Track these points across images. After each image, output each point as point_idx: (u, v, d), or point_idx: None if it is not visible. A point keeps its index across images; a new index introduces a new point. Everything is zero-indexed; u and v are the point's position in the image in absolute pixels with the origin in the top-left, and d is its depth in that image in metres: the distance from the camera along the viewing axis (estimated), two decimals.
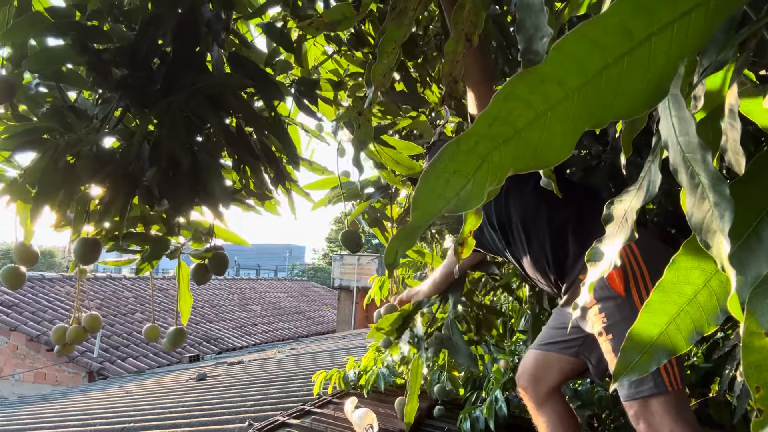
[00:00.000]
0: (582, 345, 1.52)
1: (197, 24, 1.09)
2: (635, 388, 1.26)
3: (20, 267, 1.21)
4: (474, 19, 0.87)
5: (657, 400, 1.24)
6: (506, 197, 1.58)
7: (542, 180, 0.68)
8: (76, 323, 1.37)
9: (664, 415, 1.23)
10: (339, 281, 12.10)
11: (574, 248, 1.43)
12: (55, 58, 1.05)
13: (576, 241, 1.43)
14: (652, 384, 1.23)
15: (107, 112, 1.14)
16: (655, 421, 1.24)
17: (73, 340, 1.34)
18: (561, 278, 1.49)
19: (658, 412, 1.24)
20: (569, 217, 1.46)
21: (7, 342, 7.50)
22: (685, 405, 1.27)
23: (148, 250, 1.38)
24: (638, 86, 0.37)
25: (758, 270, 0.39)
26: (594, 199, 1.49)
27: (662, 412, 1.23)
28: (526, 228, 1.53)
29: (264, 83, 1.23)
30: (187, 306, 1.51)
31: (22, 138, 1.09)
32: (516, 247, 1.60)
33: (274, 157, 1.35)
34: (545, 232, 1.49)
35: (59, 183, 1.12)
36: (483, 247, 1.75)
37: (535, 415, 1.62)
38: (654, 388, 1.23)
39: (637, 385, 1.25)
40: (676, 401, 1.24)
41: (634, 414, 1.28)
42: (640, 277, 1.28)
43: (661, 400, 1.23)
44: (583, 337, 1.50)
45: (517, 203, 1.55)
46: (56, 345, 1.34)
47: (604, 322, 1.31)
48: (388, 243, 0.52)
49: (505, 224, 1.59)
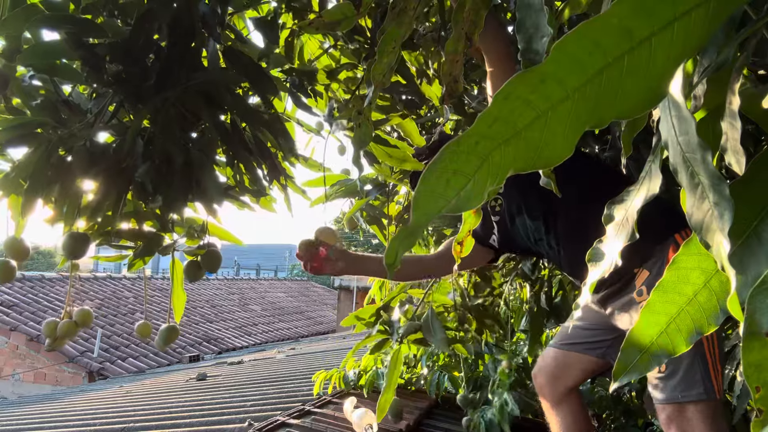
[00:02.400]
0: (611, 346, 1.47)
1: (192, 19, 1.08)
2: (681, 390, 1.18)
3: (10, 261, 1.20)
4: (474, 19, 0.87)
5: (696, 407, 1.17)
6: (564, 180, 1.49)
7: (542, 180, 0.68)
8: (68, 317, 1.36)
9: (701, 423, 1.17)
10: (339, 281, 12.08)
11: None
12: (49, 52, 1.05)
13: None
14: (702, 389, 1.16)
15: (101, 107, 1.13)
16: (689, 428, 1.18)
17: (64, 334, 1.33)
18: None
19: (694, 419, 1.17)
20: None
21: (7, 342, 7.50)
22: (722, 415, 1.21)
23: (141, 246, 1.37)
24: (638, 86, 0.37)
25: (758, 270, 0.39)
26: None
27: (699, 420, 1.17)
28: (576, 220, 1.42)
29: (259, 78, 1.22)
30: (180, 303, 1.50)
31: (15, 132, 1.08)
32: (557, 239, 1.48)
33: (269, 152, 1.34)
34: (594, 227, 1.41)
35: (52, 177, 1.11)
36: (507, 240, 1.63)
37: (549, 413, 1.59)
38: (703, 393, 1.16)
39: (685, 387, 1.18)
40: (714, 410, 1.18)
41: (666, 418, 1.21)
42: None
43: (701, 407, 1.17)
44: (611, 339, 1.45)
45: (566, 193, 1.46)
46: (47, 338, 1.33)
47: None
48: (388, 243, 0.52)
49: (548, 215, 1.48)
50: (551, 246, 1.51)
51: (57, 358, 7.20)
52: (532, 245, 1.58)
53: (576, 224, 1.43)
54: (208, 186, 1.24)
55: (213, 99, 1.18)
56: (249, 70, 1.20)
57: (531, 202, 1.51)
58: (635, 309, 1.29)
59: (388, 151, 1.56)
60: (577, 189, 1.38)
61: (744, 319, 0.37)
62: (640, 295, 1.28)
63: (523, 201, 1.53)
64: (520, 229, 1.57)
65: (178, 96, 1.11)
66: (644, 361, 0.50)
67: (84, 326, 1.37)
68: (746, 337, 0.37)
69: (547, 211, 1.48)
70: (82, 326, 1.36)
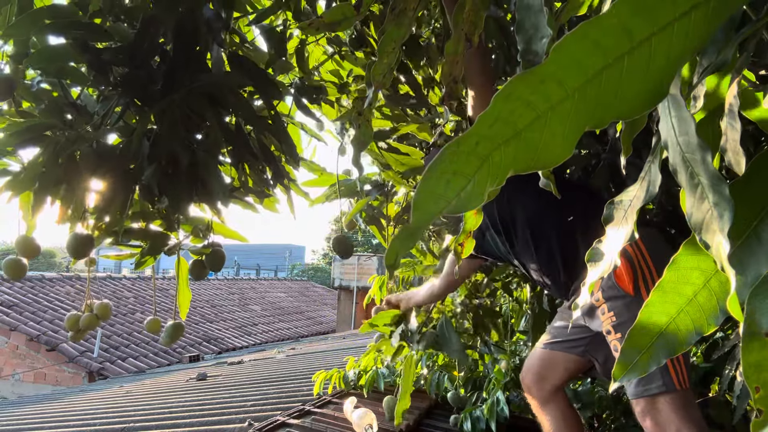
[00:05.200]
0: (589, 344, 1.52)
1: (197, 23, 1.09)
2: (643, 386, 1.25)
3: (22, 259, 1.25)
4: (474, 19, 0.87)
5: (664, 398, 1.23)
6: (509, 200, 1.56)
7: (541, 181, 0.68)
8: (89, 311, 1.42)
9: (671, 413, 1.22)
10: (339, 281, 12.10)
11: (584, 249, 1.41)
12: (56, 56, 1.06)
13: (584, 242, 1.42)
14: (661, 382, 1.23)
15: (107, 109, 1.15)
16: (661, 418, 1.23)
17: (87, 326, 1.39)
18: (571, 279, 1.48)
19: (665, 410, 1.23)
20: (576, 218, 1.45)
21: (7, 342, 7.50)
22: (692, 404, 1.27)
23: (148, 245, 1.41)
24: (638, 86, 0.37)
25: (758, 270, 0.39)
26: (596, 200, 1.48)
27: (669, 411, 1.23)
28: (533, 230, 1.52)
29: (263, 83, 1.24)
30: (186, 301, 1.53)
31: (24, 134, 1.11)
32: (521, 250, 1.58)
33: (273, 156, 1.36)
34: (553, 234, 1.48)
35: (60, 178, 1.14)
36: (485, 252, 1.73)
37: (539, 413, 1.63)
38: (662, 386, 1.23)
39: (645, 383, 1.24)
40: (683, 399, 1.23)
41: (640, 411, 1.27)
42: (648, 276, 1.27)
43: (668, 398, 1.23)
44: (590, 336, 1.49)
45: (521, 205, 1.54)
46: (69, 331, 1.40)
47: (612, 321, 1.30)
48: (388, 244, 0.52)
49: (509, 227, 1.58)
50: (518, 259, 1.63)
51: (57, 358, 7.20)
52: (504, 257, 1.69)
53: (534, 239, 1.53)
54: (213, 187, 1.26)
55: (217, 101, 1.19)
56: (253, 74, 1.22)
57: (492, 217, 1.60)
58: (597, 313, 1.36)
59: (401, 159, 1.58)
60: (530, 204, 1.52)
61: (744, 319, 0.37)
62: (597, 300, 1.35)
63: (486, 215, 1.60)
64: (491, 241, 1.67)
65: (183, 98, 1.12)
66: (644, 361, 0.50)
67: (104, 319, 1.43)
68: (746, 337, 0.37)
69: (507, 227, 1.58)
70: (103, 319, 1.42)
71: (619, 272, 1.30)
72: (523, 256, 1.59)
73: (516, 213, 1.55)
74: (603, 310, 1.33)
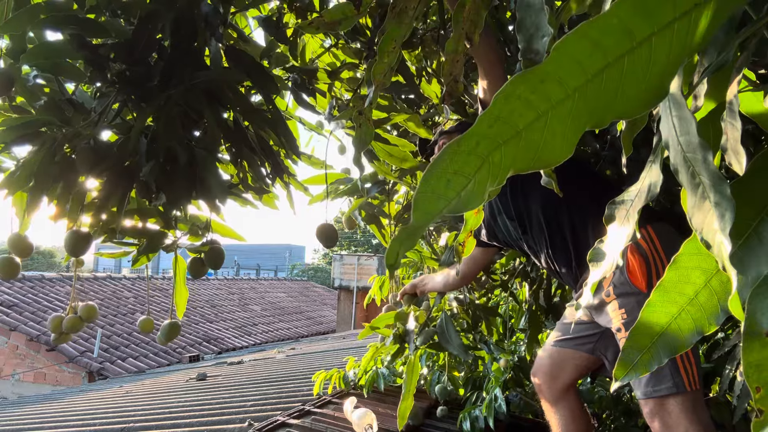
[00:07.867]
0: (597, 342, 1.51)
1: (195, 18, 1.09)
2: (653, 386, 1.23)
3: (15, 258, 1.22)
4: (474, 18, 0.87)
5: (674, 400, 1.22)
6: (523, 188, 1.55)
7: (542, 179, 0.68)
8: (73, 312, 1.38)
9: (681, 414, 1.21)
10: (339, 281, 12.09)
11: (594, 239, 1.41)
12: (53, 51, 1.06)
13: (595, 236, 1.40)
14: (671, 383, 1.21)
15: (105, 106, 1.14)
16: (670, 420, 1.22)
17: (70, 328, 1.35)
18: (582, 271, 1.46)
19: (674, 411, 1.21)
20: (590, 211, 1.43)
21: (7, 342, 7.50)
22: (702, 405, 1.25)
23: (145, 242, 1.39)
24: (639, 86, 0.37)
25: (759, 270, 0.39)
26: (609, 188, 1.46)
27: (678, 412, 1.21)
28: (548, 219, 1.50)
29: (261, 77, 1.23)
30: (183, 300, 1.52)
31: (20, 131, 1.09)
32: (535, 236, 1.56)
33: (272, 150, 1.35)
34: (567, 221, 1.46)
35: (56, 175, 1.13)
36: (494, 238, 1.72)
37: (549, 412, 1.62)
38: (673, 387, 1.21)
39: (655, 383, 1.23)
40: (693, 401, 1.22)
41: (649, 412, 1.25)
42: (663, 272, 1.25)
43: (678, 399, 1.21)
44: (598, 333, 1.48)
45: (537, 194, 1.52)
46: (53, 333, 1.36)
47: (623, 318, 1.28)
48: (389, 244, 0.52)
49: (523, 215, 1.56)
50: (530, 246, 1.61)
51: (57, 358, 7.20)
52: (514, 242, 1.67)
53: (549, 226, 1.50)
54: (211, 184, 1.25)
55: (215, 97, 1.19)
56: (251, 68, 1.21)
57: (506, 203, 1.59)
58: (607, 309, 1.34)
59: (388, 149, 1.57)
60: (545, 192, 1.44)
61: (744, 318, 0.37)
62: (608, 296, 1.33)
63: (500, 202, 1.61)
64: (502, 227, 1.66)
65: (181, 94, 1.12)
66: (645, 361, 0.50)
67: (89, 321, 1.40)
68: (746, 337, 0.37)
69: (521, 214, 1.56)
70: (87, 321, 1.39)
71: (632, 267, 1.28)
72: (537, 243, 1.57)
73: (530, 200, 1.53)
74: (614, 307, 1.31)
